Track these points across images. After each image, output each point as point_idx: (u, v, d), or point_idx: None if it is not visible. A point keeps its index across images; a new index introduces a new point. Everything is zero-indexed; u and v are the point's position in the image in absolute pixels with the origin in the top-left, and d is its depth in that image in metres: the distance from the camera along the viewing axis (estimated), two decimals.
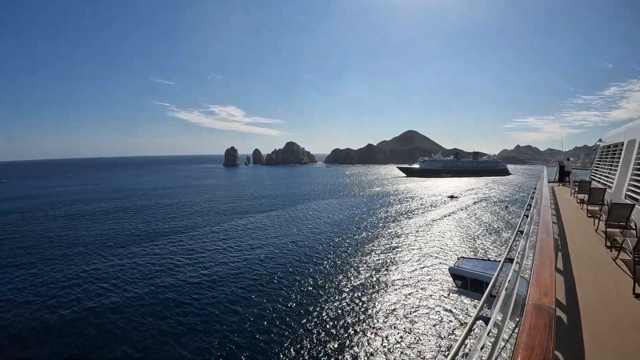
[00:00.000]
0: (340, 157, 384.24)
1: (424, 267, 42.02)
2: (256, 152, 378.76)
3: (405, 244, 51.75)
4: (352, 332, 27.61)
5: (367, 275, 39.44)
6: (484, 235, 57.33)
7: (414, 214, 77.08)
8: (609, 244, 9.57)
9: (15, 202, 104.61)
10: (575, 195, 19.76)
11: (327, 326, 28.53)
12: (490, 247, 50.44)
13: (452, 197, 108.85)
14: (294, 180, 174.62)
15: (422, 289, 35.49)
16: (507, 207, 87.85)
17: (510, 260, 5.90)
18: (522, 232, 8.06)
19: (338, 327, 28.31)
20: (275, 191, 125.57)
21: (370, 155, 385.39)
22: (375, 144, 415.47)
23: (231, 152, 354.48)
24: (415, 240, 54.30)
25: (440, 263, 43.00)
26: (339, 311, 31.05)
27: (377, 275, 39.29)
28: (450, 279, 28.19)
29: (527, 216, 10.12)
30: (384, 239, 55.28)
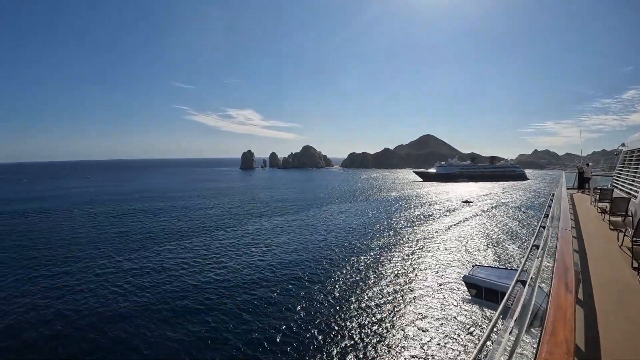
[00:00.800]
0: (356, 161, 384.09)
1: (437, 274, 41.06)
2: (273, 156, 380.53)
3: (419, 251, 50.96)
4: (360, 340, 27.16)
5: (378, 282, 38.72)
6: (499, 243, 55.72)
7: (428, 220, 76.00)
8: (636, 264, 8.41)
9: (32, 202, 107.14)
10: (596, 204, 18.10)
11: (333, 334, 28.20)
12: (506, 255, 49.15)
13: (466, 202, 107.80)
14: (310, 184, 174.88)
15: (434, 297, 34.59)
16: (524, 212, 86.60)
17: (523, 283, 5.47)
18: (537, 247, 7.45)
19: (345, 335, 27.95)
20: (291, 195, 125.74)
21: (387, 159, 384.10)
22: (391, 148, 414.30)
23: (248, 156, 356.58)
24: (429, 246, 53.28)
25: (454, 271, 41.89)
26: (347, 318, 30.69)
27: (388, 283, 38.54)
28: (464, 287, 27.51)
29: (544, 227, 9.44)
30: (397, 245, 54.50)
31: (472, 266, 28.56)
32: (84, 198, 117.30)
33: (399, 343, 26.80)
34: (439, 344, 26.50)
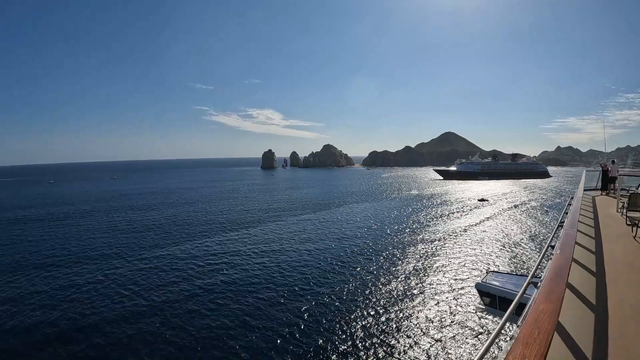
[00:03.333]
0: (377, 160, 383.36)
1: (449, 280, 39.02)
2: (293, 155, 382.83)
3: (432, 254, 49.33)
4: (366, 345, 26.58)
5: (387, 287, 37.50)
6: (516, 247, 52.85)
7: (443, 220, 75.51)
8: None
9: (61, 203, 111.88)
10: (624, 212, 14.09)
11: (341, 335, 27.94)
12: (523, 260, 46.41)
13: (482, 200, 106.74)
14: (329, 184, 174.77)
15: (445, 306, 32.65)
16: (546, 211, 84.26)
17: (535, 285, 5.15)
18: (538, 276, 6.10)
19: (352, 337, 27.60)
20: (308, 195, 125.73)
21: (408, 157, 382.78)
22: (413, 146, 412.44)
23: (268, 155, 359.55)
24: (443, 249, 51.53)
25: (468, 276, 39.93)
26: (355, 321, 30.17)
27: (398, 288, 37.16)
28: (477, 295, 25.32)
29: (553, 246, 7.60)
30: (409, 246, 53.28)
31: (486, 272, 25.98)
32: (113, 199, 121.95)
33: (406, 351, 25.74)
34: (448, 354, 25.31)
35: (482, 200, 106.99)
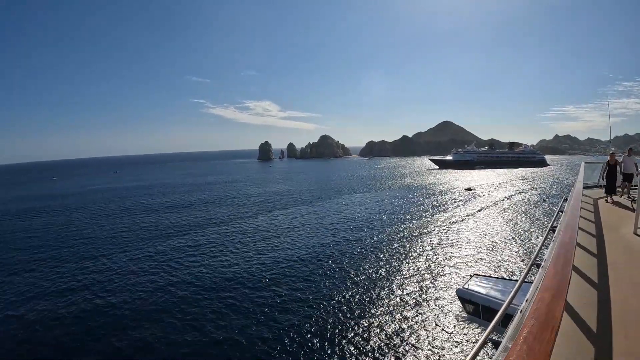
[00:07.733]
0: (374, 150, 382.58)
1: (427, 283, 35.64)
2: (290, 146, 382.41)
3: (410, 252, 45.67)
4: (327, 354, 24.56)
5: (359, 290, 34.55)
6: (503, 245, 48.19)
7: (428, 213, 70.26)
8: None
9: (65, 199, 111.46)
10: None
11: (301, 344, 25.90)
12: (510, 261, 41.72)
13: (469, 189, 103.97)
14: (322, 175, 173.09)
15: (421, 315, 29.38)
16: (543, 201, 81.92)
17: (524, 295, 4.51)
18: (539, 265, 5.62)
19: (313, 346, 25.59)
20: (298, 187, 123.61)
21: (406, 147, 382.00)
22: (410, 136, 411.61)
23: (265, 147, 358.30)
24: (422, 247, 47.82)
25: (449, 279, 36.45)
26: (318, 328, 27.91)
27: (368, 292, 34.19)
28: (459, 302, 23.37)
29: (543, 253, 6.36)
30: (388, 243, 49.91)
31: (470, 276, 23.02)
32: (109, 194, 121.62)
33: None
34: None
35: (468, 189, 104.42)
